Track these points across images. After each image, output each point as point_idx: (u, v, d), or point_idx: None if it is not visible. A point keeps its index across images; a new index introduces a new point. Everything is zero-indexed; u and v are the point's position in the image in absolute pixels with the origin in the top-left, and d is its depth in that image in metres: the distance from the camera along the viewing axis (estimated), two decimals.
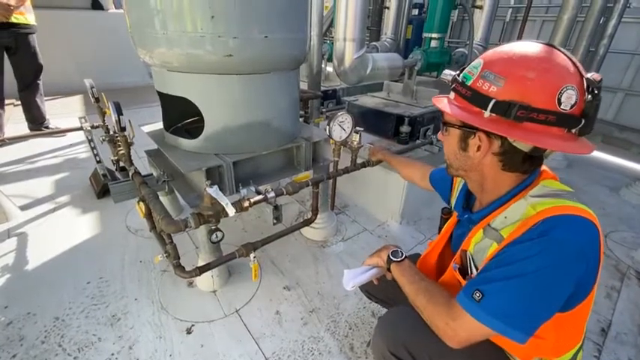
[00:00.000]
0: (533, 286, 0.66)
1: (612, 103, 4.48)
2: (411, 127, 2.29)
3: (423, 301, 0.81)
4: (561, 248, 0.65)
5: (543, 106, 0.65)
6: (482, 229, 0.82)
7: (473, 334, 0.71)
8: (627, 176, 3.26)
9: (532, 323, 0.68)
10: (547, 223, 0.67)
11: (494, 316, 0.67)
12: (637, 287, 1.88)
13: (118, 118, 1.40)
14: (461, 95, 0.73)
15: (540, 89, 0.65)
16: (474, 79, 0.71)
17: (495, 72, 0.68)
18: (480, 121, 0.69)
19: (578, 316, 0.76)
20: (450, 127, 0.79)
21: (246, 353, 1.41)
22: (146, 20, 1.28)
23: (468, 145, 0.76)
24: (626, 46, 4.13)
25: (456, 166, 0.84)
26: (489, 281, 0.70)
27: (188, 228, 1.15)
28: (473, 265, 0.84)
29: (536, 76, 0.65)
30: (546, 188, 0.74)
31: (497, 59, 0.70)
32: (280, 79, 1.49)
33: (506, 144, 0.71)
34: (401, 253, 0.94)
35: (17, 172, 2.82)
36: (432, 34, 2.58)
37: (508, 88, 0.66)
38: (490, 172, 0.78)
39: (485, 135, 0.72)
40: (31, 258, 1.86)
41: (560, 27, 2.14)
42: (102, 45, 5.44)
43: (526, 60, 0.67)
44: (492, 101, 0.66)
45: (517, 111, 0.64)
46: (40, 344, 1.40)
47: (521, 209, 0.74)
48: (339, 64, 2.08)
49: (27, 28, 3.08)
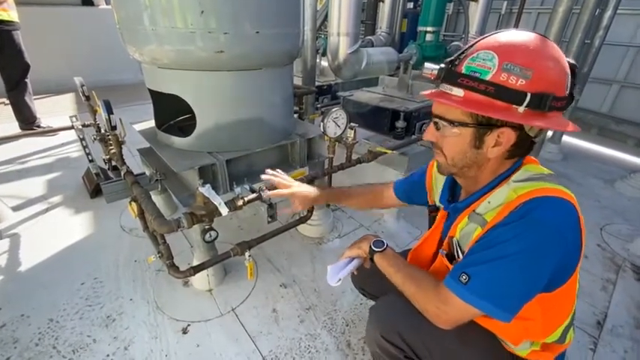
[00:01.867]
0: (516, 266, 0.68)
1: (608, 96, 4.48)
2: (406, 122, 2.27)
3: (411, 287, 0.82)
4: (541, 228, 0.67)
5: (563, 94, 0.67)
6: (467, 216, 0.83)
7: (462, 315, 0.74)
8: (623, 169, 3.27)
9: (516, 302, 0.71)
10: (527, 205, 0.70)
11: (480, 297, 0.70)
12: (632, 280, 1.89)
13: (108, 116, 1.37)
14: (478, 91, 0.68)
15: (560, 78, 0.67)
16: (494, 73, 0.66)
17: (520, 64, 0.65)
18: (513, 116, 0.66)
19: (564, 297, 0.79)
20: (459, 125, 0.73)
21: (242, 352, 1.40)
22: (135, 16, 1.25)
23: (484, 142, 0.73)
24: (621, 38, 4.13)
25: (461, 164, 0.80)
26: (475, 264, 0.72)
27: (181, 228, 1.14)
28: (459, 250, 0.85)
29: (554, 65, 0.67)
30: (528, 172, 0.77)
31: (514, 50, 0.67)
32: (273, 75, 1.47)
33: (523, 134, 0.72)
34: (383, 243, 0.95)
35: (8, 172, 2.78)
36: (427, 27, 2.55)
37: (537, 79, 0.65)
38: (494, 163, 0.79)
39: (512, 130, 0.70)
40: (24, 259, 1.84)
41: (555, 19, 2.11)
42: (93, 42, 5.36)
43: (540, 49, 0.67)
44: (529, 95, 0.64)
45: (551, 101, 0.65)
46: (34, 346, 1.39)
47: (504, 194, 0.76)
48: (333, 59, 2.06)
49: (10, 25, 3.01)
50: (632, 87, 4.28)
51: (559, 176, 0.77)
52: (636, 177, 2.84)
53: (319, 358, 1.40)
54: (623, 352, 1.48)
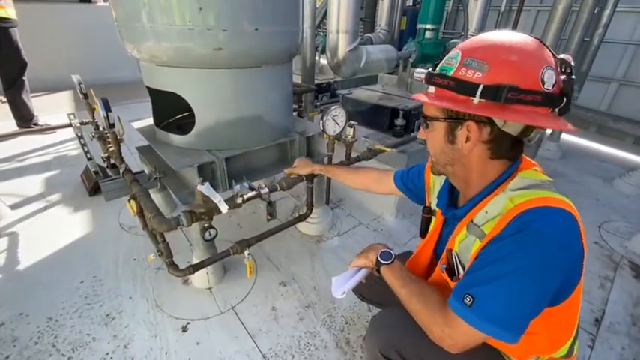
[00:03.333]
0: (520, 283, 0.66)
1: (606, 94, 4.49)
2: (405, 121, 2.28)
3: (417, 305, 0.79)
4: (542, 241, 0.65)
5: (530, 87, 0.65)
6: (465, 227, 0.81)
7: (470, 339, 0.70)
8: (621, 166, 3.28)
9: (522, 321, 0.68)
10: (525, 216, 0.68)
11: (487, 320, 0.67)
12: (630, 277, 1.90)
13: (106, 114, 1.37)
14: (443, 87, 0.72)
15: (525, 70, 0.66)
16: (456, 69, 0.70)
17: (478, 58, 0.68)
18: (469, 107, 0.68)
19: (569, 309, 0.76)
20: (434, 121, 0.77)
21: (242, 350, 1.40)
22: (133, 13, 1.24)
23: (456, 137, 0.75)
24: (620, 36, 4.12)
25: (442, 162, 0.82)
26: (477, 283, 0.70)
27: (180, 226, 1.13)
28: (459, 265, 0.83)
29: (518, 59, 0.66)
30: (525, 180, 0.74)
31: (476, 47, 0.70)
32: (272, 72, 1.46)
33: (496, 130, 0.71)
34: (390, 254, 0.92)
35: (6, 170, 2.77)
36: (427, 25, 2.55)
37: (494, 72, 0.66)
38: (478, 163, 0.77)
39: (475, 123, 0.72)
40: (22, 258, 1.84)
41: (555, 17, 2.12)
42: (91, 39, 5.33)
43: (505, 45, 0.68)
44: (481, 86, 0.66)
45: (507, 92, 0.64)
46: (34, 345, 1.39)
47: (501, 203, 0.73)
48: (332, 57, 2.05)
49: (7, 22, 2.99)
50: (630, 85, 4.29)
51: (558, 175, 0.76)
52: (634, 175, 2.85)
53: (318, 355, 1.40)
54: (621, 348, 1.49)
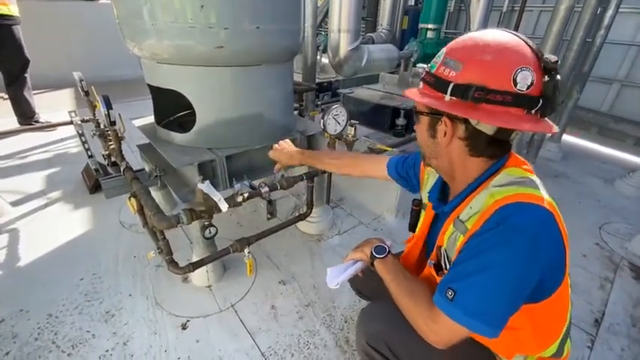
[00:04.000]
0: (498, 277, 0.67)
1: (608, 95, 4.48)
2: (407, 120, 2.27)
3: (405, 300, 0.81)
4: (516, 237, 0.66)
5: (499, 87, 0.66)
6: (452, 223, 0.82)
7: (454, 334, 0.71)
8: (622, 168, 3.28)
9: (501, 315, 0.69)
10: (502, 211, 0.69)
11: (467, 314, 0.68)
12: (630, 278, 1.90)
13: (107, 112, 1.37)
14: (427, 83, 0.77)
15: (495, 71, 0.67)
16: (437, 67, 0.74)
17: (455, 58, 0.71)
18: (441, 104, 0.71)
19: (554, 306, 0.77)
20: (420, 114, 0.82)
21: (241, 348, 1.41)
22: (134, 11, 1.24)
23: (436, 131, 0.79)
24: (622, 37, 4.11)
25: (427, 154, 0.86)
26: (458, 278, 0.71)
27: (180, 224, 1.14)
28: (447, 261, 0.83)
29: (491, 59, 0.67)
30: (508, 176, 0.75)
31: (458, 47, 0.73)
32: (273, 71, 1.46)
33: (470, 127, 0.73)
34: (384, 249, 0.94)
35: (7, 167, 2.77)
36: (429, 24, 2.55)
37: (466, 71, 0.68)
38: (458, 159, 0.79)
39: (449, 119, 0.74)
40: (23, 255, 1.84)
41: (557, 17, 2.11)
42: (93, 37, 5.33)
43: (483, 45, 0.69)
44: (451, 85, 0.69)
45: (474, 92, 0.66)
46: (34, 341, 1.39)
47: (483, 199, 0.74)
48: (333, 56, 2.05)
49: (10, 19, 3.00)
50: (632, 86, 4.28)
51: (559, 175, 0.76)
52: (635, 176, 2.84)
53: (318, 354, 1.40)
54: (620, 350, 1.49)
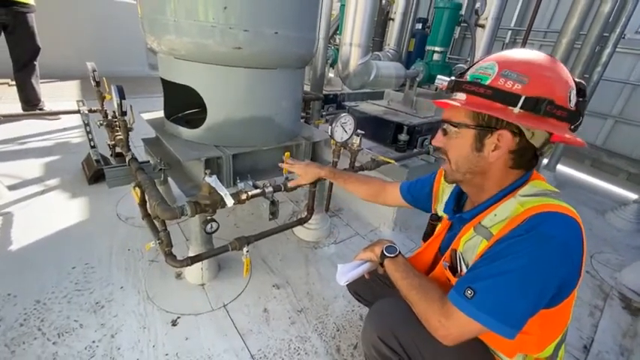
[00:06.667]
0: (522, 281, 0.68)
1: (602, 129, 4.61)
2: (409, 136, 2.32)
3: (415, 297, 0.82)
4: (548, 243, 0.68)
5: (562, 103, 0.70)
6: (472, 228, 0.84)
7: (465, 331, 0.73)
8: (614, 200, 3.35)
9: (521, 318, 0.70)
10: (534, 219, 0.71)
11: (485, 312, 0.69)
12: (619, 307, 1.92)
13: (120, 101, 1.39)
14: (477, 94, 0.74)
15: (558, 87, 0.70)
16: (493, 79, 0.72)
17: (517, 71, 0.70)
18: (508, 116, 0.70)
19: (562, 312, 0.79)
20: (463, 127, 0.78)
21: (231, 348, 1.39)
22: (158, 7, 1.28)
23: (484, 145, 0.77)
24: (618, 75, 4.28)
25: (464, 169, 0.83)
26: (480, 278, 0.72)
27: (184, 216, 1.14)
28: (463, 263, 0.85)
29: (553, 76, 0.71)
30: (535, 188, 0.78)
31: (513, 61, 0.73)
32: (286, 76, 1.50)
33: (524, 141, 0.74)
34: (395, 249, 0.95)
35: (7, 152, 2.76)
36: (436, 47, 2.64)
37: (533, 85, 0.69)
38: (497, 172, 0.80)
39: (510, 132, 0.74)
40: (15, 238, 1.81)
41: (558, 50, 2.21)
42: (103, 32, 5.38)
43: (541, 62, 0.72)
44: (522, 97, 0.68)
45: (546, 106, 0.68)
46: (19, 327, 1.36)
47: (511, 207, 0.77)
48: (343, 69, 2.11)
49: (26, 6, 3.03)
50: (626, 123, 4.42)
51: None
52: (626, 209, 2.91)
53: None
54: None
